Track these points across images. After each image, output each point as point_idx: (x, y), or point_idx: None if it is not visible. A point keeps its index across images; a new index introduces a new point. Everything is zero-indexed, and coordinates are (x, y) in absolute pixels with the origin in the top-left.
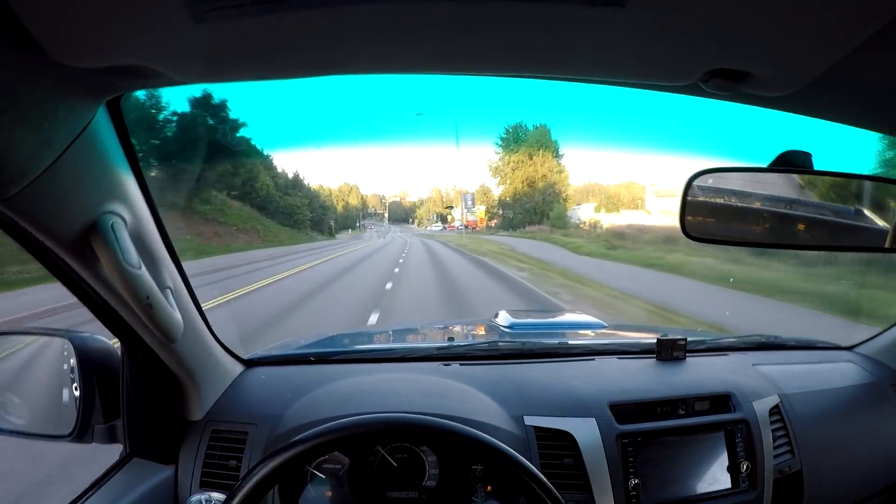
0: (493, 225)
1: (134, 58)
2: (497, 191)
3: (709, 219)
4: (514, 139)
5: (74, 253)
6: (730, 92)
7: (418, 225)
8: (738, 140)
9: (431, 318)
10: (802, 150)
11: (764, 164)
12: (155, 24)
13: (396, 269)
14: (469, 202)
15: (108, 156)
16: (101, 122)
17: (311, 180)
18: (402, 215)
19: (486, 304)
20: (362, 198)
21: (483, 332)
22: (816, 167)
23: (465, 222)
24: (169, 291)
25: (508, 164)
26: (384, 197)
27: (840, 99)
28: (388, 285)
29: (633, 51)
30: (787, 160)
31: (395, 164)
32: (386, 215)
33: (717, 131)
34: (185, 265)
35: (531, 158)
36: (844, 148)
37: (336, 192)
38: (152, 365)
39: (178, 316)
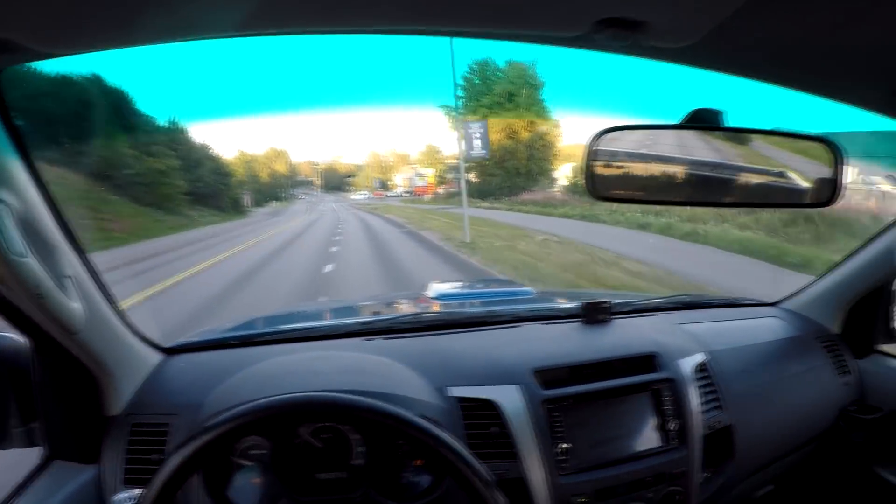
0: (441, 192)
1: None
2: (455, 149)
3: (615, 177)
4: (483, 79)
5: None
6: (624, 44)
7: (372, 192)
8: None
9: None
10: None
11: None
12: None
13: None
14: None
15: None
16: None
17: (228, 150)
18: (336, 182)
19: None
20: (291, 164)
21: (411, 305)
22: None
23: (413, 189)
24: (69, 280)
25: (477, 110)
26: (317, 164)
27: (736, 51)
28: None
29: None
30: (699, 118)
31: (327, 128)
32: (318, 183)
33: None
34: None
35: (511, 101)
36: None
37: (261, 158)
38: (64, 360)
39: (77, 305)
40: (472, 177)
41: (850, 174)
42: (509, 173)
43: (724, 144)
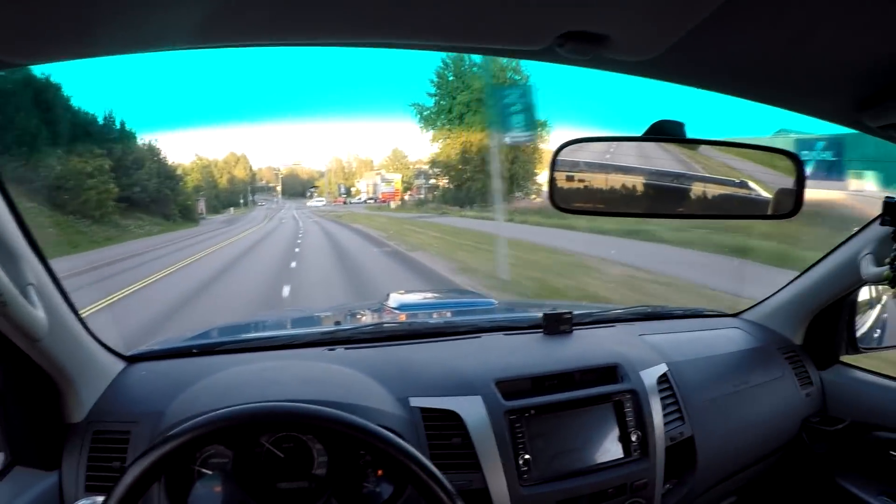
0: (406, 199)
1: None
2: (423, 153)
3: (577, 189)
4: (458, 75)
5: None
6: (587, 57)
7: (332, 199)
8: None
9: None
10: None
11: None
12: None
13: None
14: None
15: None
16: None
17: (181, 153)
18: (298, 189)
19: None
20: (251, 170)
21: (372, 316)
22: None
23: (380, 195)
24: (31, 288)
25: (453, 108)
26: (278, 169)
27: (697, 65)
28: None
29: (479, 13)
30: (660, 129)
31: (289, 134)
32: (279, 189)
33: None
34: None
35: None
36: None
37: (220, 163)
38: (25, 367)
39: (41, 314)
40: (441, 182)
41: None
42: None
43: (686, 156)
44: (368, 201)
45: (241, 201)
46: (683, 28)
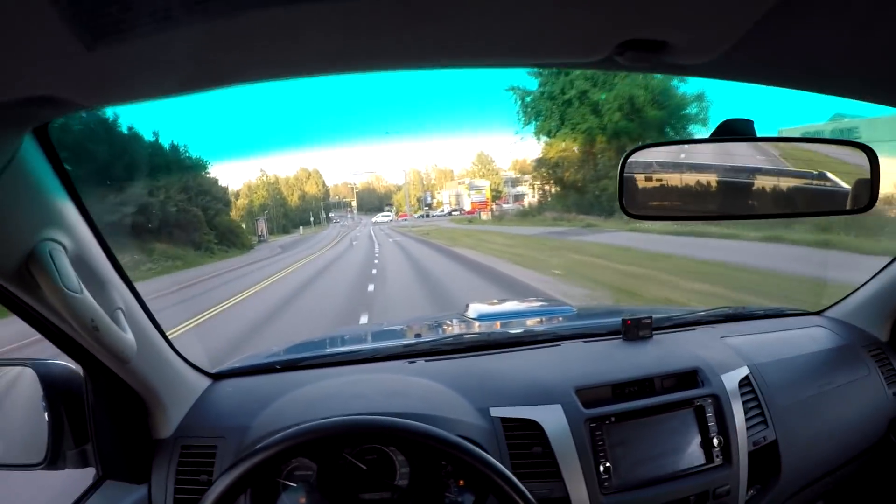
0: (494, 209)
1: (38, 89)
2: (509, 159)
3: (649, 194)
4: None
5: (17, 282)
6: (647, 63)
7: (396, 214)
8: None
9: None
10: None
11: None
12: (48, 56)
13: None
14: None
15: (41, 183)
16: (30, 151)
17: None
18: (375, 203)
19: None
20: (324, 185)
21: (452, 327)
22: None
23: (466, 206)
24: (120, 312)
25: (566, 90)
26: (354, 185)
27: (762, 62)
28: None
29: (538, 30)
30: (729, 129)
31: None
32: (354, 204)
33: None
34: None
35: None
36: None
37: (292, 180)
38: (115, 386)
39: (130, 336)
40: (552, 187)
41: None
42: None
43: (756, 154)
44: (454, 213)
45: (315, 219)
46: (742, 28)
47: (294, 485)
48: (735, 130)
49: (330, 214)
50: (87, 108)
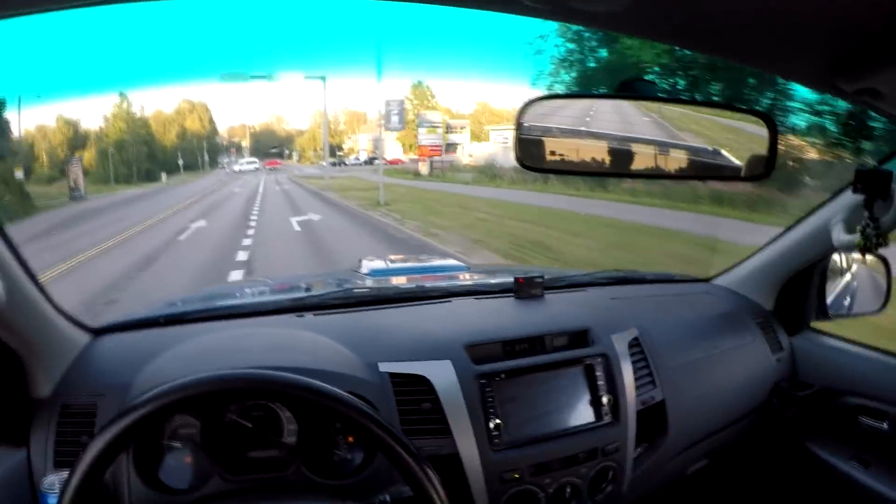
0: (440, 159)
1: None
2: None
3: (544, 147)
4: None
5: None
6: (552, 7)
7: (299, 161)
8: None
9: None
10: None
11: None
12: None
13: None
14: (395, 113)
15: None
16: None
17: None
18: (275, 146)
19: None
20: (211, 122)
21: (343, 282)
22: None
23: (393, 155)
24: None
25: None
26: (253, 127)
27: (665, 18)
28: None
29: None
30: (630, 87)
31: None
32: (246, 145)
33: None
34: None
35: None
36: None
37: (171, 115)
38: None
39: None
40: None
41: None
42: None
43: (657, 115)
44: (377, 162)
45: (192, 163)
46: None
47: (178, 445)
48: (636, 90)
49: (221, 159)
50: None
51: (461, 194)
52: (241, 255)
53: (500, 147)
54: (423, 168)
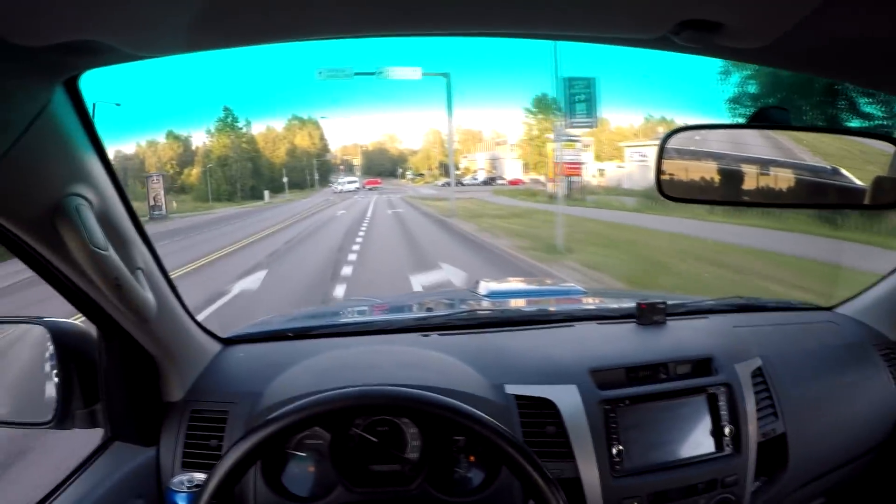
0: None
1: (83, 32)
2: None
3: (685, 178)
4: None
5: (40, 237)
6: (701, 45)
7: (412, 181)
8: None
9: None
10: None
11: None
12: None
13: None
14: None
15: (69, 137)
16: (60, 104)
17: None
18: (387, 166)
19: None
20: (322, 139)
21: (463, 303)
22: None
23: (512, 175)
24: (140, 272)
25: None
26: (364, 146)
27: (815, 51)
28: None
29: (601, 2)
30: (764, 116)
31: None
32: (357, 164)
33: None
34: None
35: None
36: None
37: (281, 133)
38: (128, 347)
39: (150, 296)
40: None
41: None
42: None
43: (790, 144)
44: (498, 182)
45: (287, 182)
46: (800, 13)
47: (303, 454)
48: (770, 119)
49: (333, 177)
50: (131, 59)
51: (651, 230)
52: None
53: (636, 166)
54: (556, 188)
